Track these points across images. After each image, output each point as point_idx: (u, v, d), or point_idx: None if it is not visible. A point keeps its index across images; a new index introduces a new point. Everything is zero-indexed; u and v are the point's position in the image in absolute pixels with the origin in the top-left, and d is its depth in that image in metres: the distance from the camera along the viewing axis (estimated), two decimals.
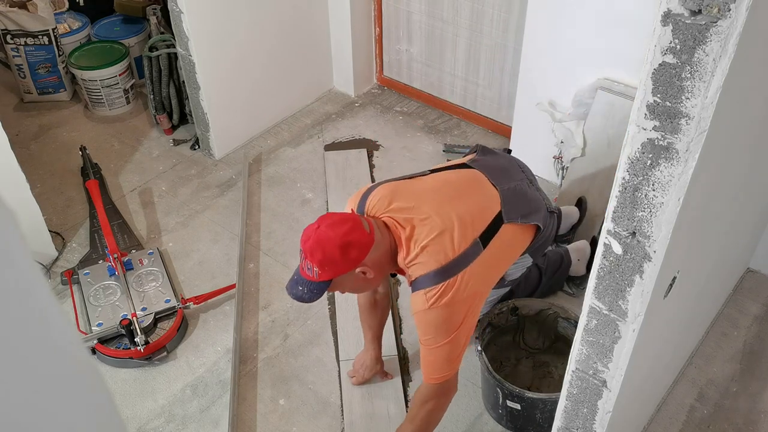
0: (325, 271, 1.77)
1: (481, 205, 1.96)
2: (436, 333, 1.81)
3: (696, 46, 0.98)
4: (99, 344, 2.38)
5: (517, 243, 2.04)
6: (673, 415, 2.21)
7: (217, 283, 2.66)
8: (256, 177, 3.17)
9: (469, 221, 1.88)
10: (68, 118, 3.58)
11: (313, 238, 1.77)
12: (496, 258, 1.94)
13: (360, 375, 2.29)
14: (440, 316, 1.79)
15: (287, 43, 3.32)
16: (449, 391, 1.91)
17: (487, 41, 3.12)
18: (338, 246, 1.74)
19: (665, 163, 1.10)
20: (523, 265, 2.21)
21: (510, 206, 1.99)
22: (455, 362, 1.86)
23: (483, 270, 1.87)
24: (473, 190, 2.02)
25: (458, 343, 1.83)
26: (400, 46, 3.50)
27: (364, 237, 1.77)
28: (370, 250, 1.78)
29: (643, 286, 1.25)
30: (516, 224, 1.99)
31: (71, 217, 2.99)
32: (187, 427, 2.22)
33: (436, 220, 1.85)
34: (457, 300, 1.80)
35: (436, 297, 1.78)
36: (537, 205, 2.10)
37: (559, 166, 2.86)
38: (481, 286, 1.88)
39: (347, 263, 1.77)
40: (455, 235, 1.84)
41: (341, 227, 1.76)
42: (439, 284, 1.78)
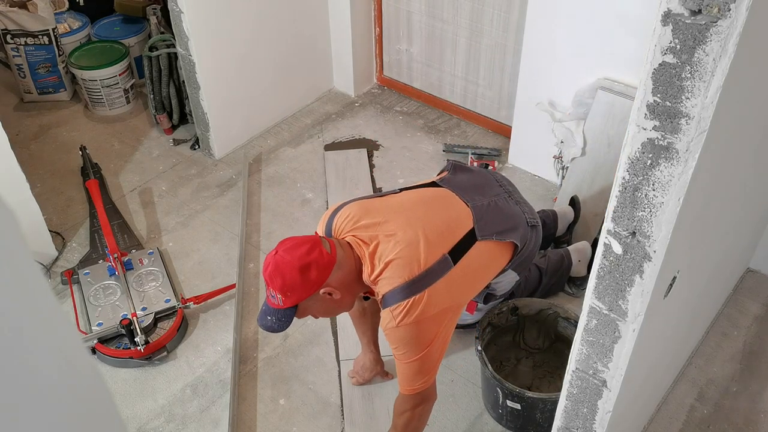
0: (288, 297, 1.74)
1: (451, 222, 1.92)
2: (407, 349, 1.78)
3: (696, 46, 0.98)
4: (99, 344, 2.38)
5: (493, 260, 1.99)
6: (673, 414, 2.21)
7: (217, 283, 2.66)
8: (256, 177, 3.17)
9: (437, 237, 1.85)
10: (68, 118, 3.58)
11: (272, 264, 1.75)
12: (469, 275, 1.89)
13: (360, 376, 2.29)
14: (409, 333, 1.76)
15: (287, 43, 3.32)
16: (426, 400, 1.89)
17: (487, 41, 3.12)
18: (297, 269, 1.71)
19: (665, 162, 1.10)
20: (509, 281, 2.17)
21: (483, 223, 1.95)
22: (430, 374, 1.84)
23: (453, 287, 1.83)
24: (443, 207, 1.98)
25: (431, 358, 1.80)
26: (400, 46, 3.50)
27: (323, 257, 1.74)
28: (332, 270, 1.75)
29: (643, 286, 1.25)
30: (491, 241, 1.94)
31: (71, 217, 2.99)
32: (187, 427, 2.22)
33: (401, 236, 1.82)
34: (426, 317, 1.76)
35: (403, 314, 1.74)
36: (514, 222, 2.04)
37: (559, 166, 2.86)
38: (451, 302, 1.83)
39: (309, 285, 1.74)
40: (421, 250, 1.80)
41: (298, 250, 1.74)
42: (405, 300, 1.74)
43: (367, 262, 1.81)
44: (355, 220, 1.89)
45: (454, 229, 1.90)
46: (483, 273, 1.99)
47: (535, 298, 2.45)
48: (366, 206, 1.94)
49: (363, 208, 1.92)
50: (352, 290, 1.84)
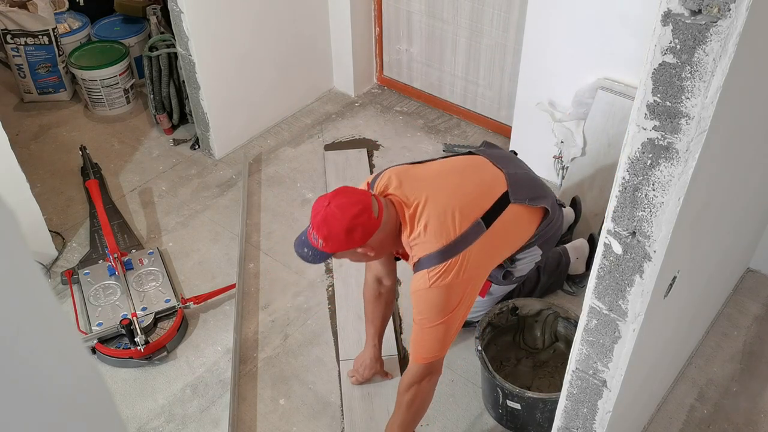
0: (328, 245, 1.83)
1: (484, 186, 2.01)
2: (432, 312, 1.84)
3: (696, 45, 0.98)
4: (99, 344, 2.38)
5: (523, 225, 2.07)
6: (673, 414, 2.21)
7: (217, 283, 2.66)
8: (256, 177, 3.17)
9: (470, 202, 1.93)
10: (68, 118, 3.58)
11: (322, 214, 1.82)
12: (500, 238, 1.97)
13: (360, 374, 2.30)
14: (439, 295, 1.83)
15: (287, 43, 3.32)
16: (435, 373, 1.93)
17: (487, 41, 3.12)
18: (344, 228, 1.79)
19: (665, 162, 1.10)
20: (532, 259, 2.22)
21: (517, 188, 2.04)
22: (446, 344, 1.89)
23: (486, 250, 1.91)
24: (477, 172, 2.07)
25: (452, 324, 1.87)
26: (400, 46, 3.50)
27: (370, 221, 1.82)
28: (375, 233, 1.83)
29: (643, 286, 1.25)
30: (523, 205, 2.03)
31: (71, 217, 2.99)
32: (187, 427, 2.22)
33: (438, 202, 1.90)
34: (458, 281, 1.84)
35: (437, 276, 1.82)
36: (544, 191, 2.15)
37: (559, 166, 2.86)
38: (481, 267, 1.92)
39: (350, 243, 1.82)
40: (457, 215, 1.88)
41: (350, 210, 1.80)
42: (442, 264, 1.83)
43: (407, 224, 1.89)
44: (397, 182, 1.96)
45: (488, 193, 1.99)
46: (514, 236, 2.06)
47: (534, 296, 2.46)
48: (406, 171, 2.02)
49: (404, 173, 2.00)
50: (387, 249, 1.95)
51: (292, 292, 2.64)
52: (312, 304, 2.59)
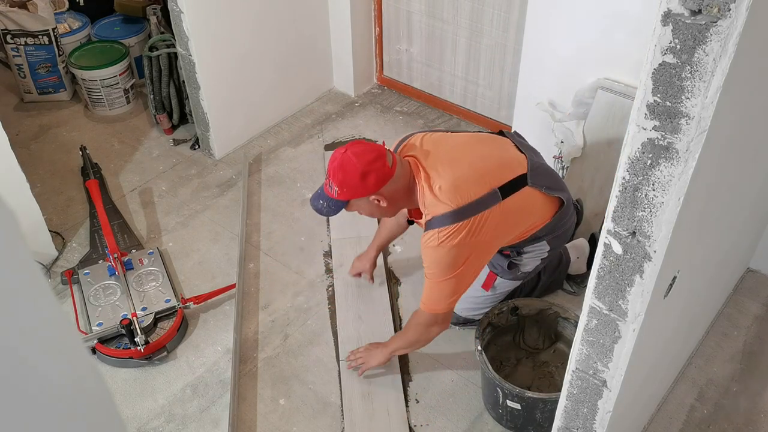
0: (343, 192, 1.95)
1: (504, 162, 2.06)
2: (438, 269, 1.96)
3: (696, 45, 0.98)
4: (99, 344, 2.38)
5: (537, 210, 2.11)
6: (673, 414, 2.21)
7: (217, 283, 2.66)
8: (256, 177, 3.17)
9: (489, 171, 2.00)
10: (68, 118, 3.58)
11: (339, 160, 1.94)
12: (513, 214, 2.02)
13: (355, 267, 2.59)
14: (447, 254, 1.93)
15: (287, 43, 3.32)
16: (437, 324, 2.07)
17: (487, 41, 3.12)
18: (359, 172, 1.91)
19: (665, 162, 1.10)
20: (538, 255, 2.24)
21: (536, 174, 2.08)
22: (451, 301, 2.01)
23: (497, 221, 1.97)
24: (500, 149, 2.13)
25: (459, 282, 1.98)
26: (400, 46, 3.50)
27: (384, 169, 1.93)
28: (388, 182, 1.94)
29: (643, 286, 1.25)
30: (539, 191, 2.07)
31: (71, 217, 2.99)
32: (187, 427, 2.22)
33: (458, 166, 1.99)
34: (466, 243, 1.93)
35: (447, 237, 1.91)
36: (562, 185, 2.20)
37: (559, 166, 2.86)
38: (491, 237, 1.98)
39: (364, 189, 1.94)
40: (472, 181, 1.96)
41: (365, 156, 1.92)
42: (453, 225, 1.91)
43: (423, 185, 1.98)
44: (419, 145, 2.07)
45: (507, 169, 2.04)
46: (526, 218, 2.09)
47: (534, 295, 2.46)
48: (431, 136, 2.11)
49: (428, 138, 2.10)
50: (399, 204, 2.05)
51: (292, 292, 2.64)
52: (312, 304, 2.60)
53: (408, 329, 2.15)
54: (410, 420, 2.21)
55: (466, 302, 2.37)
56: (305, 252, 2.80)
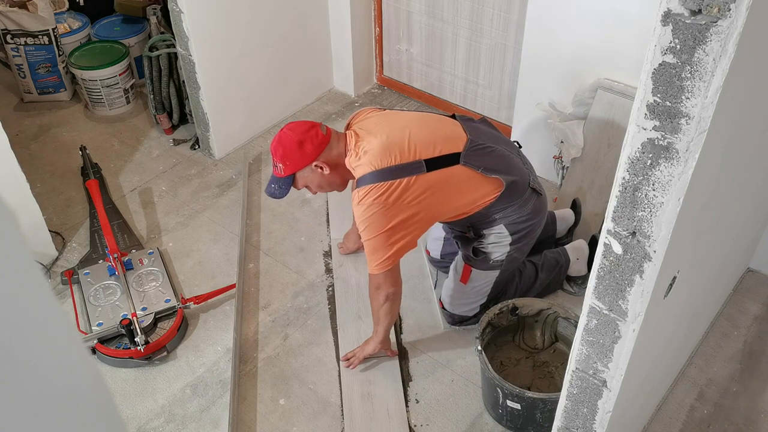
0: (286, 166, 2.12)
1: (438, 138, 2.14)
2: (365, 226, 2.07)
3: (696, 45, 0.98)
4: (99, 344, 2.38)
5: (470, 188, 2.15)
6: (673, 414, 2.21)
7: (217, 283, 2.66)
8: (256, 177, 3.17)
9: (418, 143, 2.09)
10: (68, 118, 3.58)
11: (276, 137, 2.14)
12: (440, 187, 2.10)
13: (346, 246, 2.71)
14: (367, 212, 2.05)
15: (287, 43, 3.32)
16: (381, 288, 2.14)
17: (487, 41, 3.12)
18: (295, 142, 2.09)
19: (665, 162, 1.10)
20: (503, 241, 2.26)
21: (473, 154, 2.14)
22: (382, 261, 2.09)
23: (421, 190, 2.06)
24: (438, 126, 2.20)
25: (384, 242, 2.06)
26: (400, 46, 3.50)
27: (318, 136, 2.11)
28: (325, 150, 2.11)
29: (643, 286, 1.25)
30: (473, 170, 2.12)
31: (71, 217, 2.99)
32: (187, 427, 2.22)
33: (386, 135, 2.11)
34: (386, 204, 2.04)
35: (366, 194, 2.04)
36: (510, 169, 2.20)
37: (559, 166, 2.86)
38: (416, 204, 2.07)
39: (304, 157, 2.10)
40: (398, 148, 2.07)
41: (299, 127, 2.12)
42: (371, 184, 2.05)
43: (352, 150, 2.12)
44: (359, 119, 2.23)
45: (439, 145, 2.12)
46: (456, 193, 2.15)
47: (533, 296, 2.46)
48: (378, 112, 2.26)
49: (374, 113, 2.25)
50: (340, 171, 2.17)
51: (292, 292, 2.64)
52: (312, 304, 2.60)
53: (370, 302, 2.25)
54: (410, 420, 2.21)
55: (452, 298, 2.41)
56: (305, 252, 2.80)
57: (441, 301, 2.48)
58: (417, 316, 2.54)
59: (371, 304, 2.23)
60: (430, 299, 2.59)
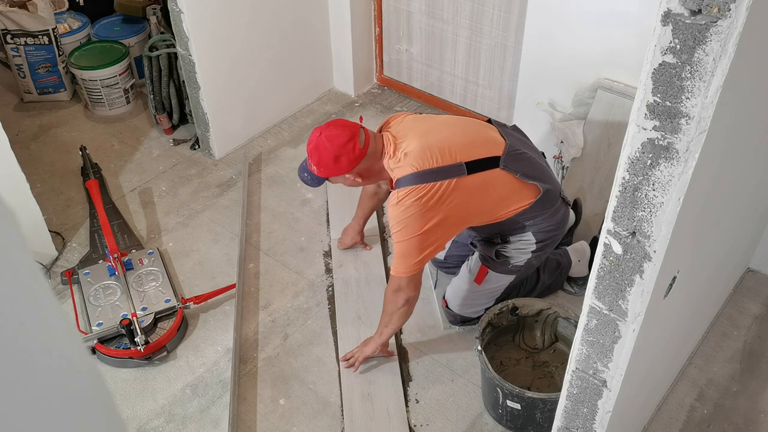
0: (320, 171, 2.14)
1: (478, 141, 2.14)
2: (399, 228, 2.06)
3: (696, 45, 0.98)
4: (99, 344, 2.38)
5: (510, 194, 2.15)
6: (673, 414, 2.21)
7: (217, 283, 2.66)
8: (256, 177, 3.17)
9: (459, 146, 2.09)
10: (68, 118, 3.58)
11: (314, 143, 2.12)
12: (479, 190, 2.09)
13: (342, 242, 2.73)
14: (404, 213, 2.04)
15: (287, 43, 3.32)
16: (402, 290, 2.13)
17: (487, 41, 3.12)
18: (332, 155, 2.08)
19: (665, 162, 1.10)
20: (526, 248, 2.25)
21: (512, 159, 2.13)
22: (412, 264, 2.08)
23: (460, 193, 2.05)
24: (477, 129, 2.21)
25: (419, 246, 2.05)
26: (400, 46, 3.50)
27: (355, 151, 2.07)
28: (360, 163, 2.09)
29: (643, 286, 1.25)
30: (512, 175, 2.12)
31: (71, 217, 2.99)
32: (187, 427, 2.22)
33: (427, 138, 2.10)
34: (425, 206, 2.02)
35: (405, 196, 2.03)
36: (545, 177, 2.21)
37: (559, 166, 2.86)
38: (455, 207, 2.06)
39: (338, 169, 2.11)
40: (439, 150, 2.06)
41: (338, 140, 2.07)
42: (411, 186, 2.03)
43: (391, 152, 2.11)
44: (398, 122, 2.21)
45: (480, 148, 2.12)
46: (494, 198, 2.14)
47: (535, 296, 2.46)
48: (413, 116, 2.24)
49: (411, 116, 2.24)
50: (374, 178, 2.20)
51: (292, 292, 2.64)
52: (312, 304, 2.60)
53: (384, 302, 2.23)
54: (410, 420, 2.21)
55: (462, 299, 2.39)
56: (305, 252, 2.80)
57: (445, 300, 2.47)
58: (417, 316, 2.53)
59: (386, 306, 2.20)
60: (430, 299, 2.59)
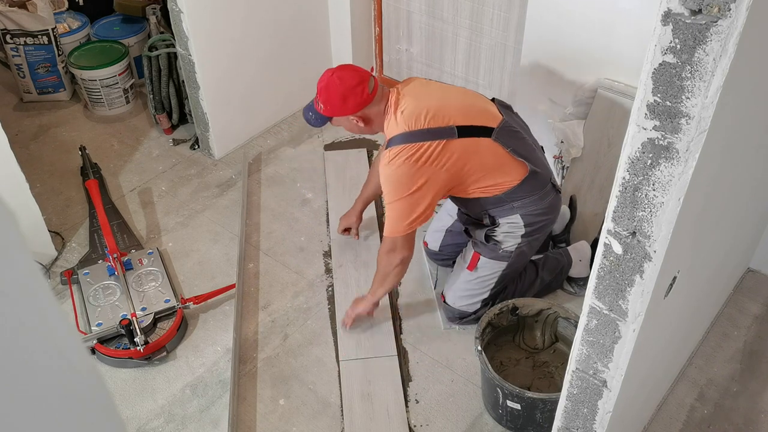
0: (326, 109, 2.22)
1: (476, 111, 2.19)
2: (390, 188, 2.13)
3: (696, 45, 0.98)
4: (99, 344, 2.38)
5: (495, 165, 2.17)
6: (673, 415, 2.21)
7: (217, 283, 2.66)
8: (256, 177, 3.17)
9: (454, 111, 2.15)
10: (68, 118, 3.58)
11: (325, 81, 2.21)
12: (468, 156, 2.13)
13: (341, 224, 2.78)
14: (395, 173, 2.10)
15: (287, 43, 3.32)
16: (395, 251, 2.21)
17: (487, 41, 3.12)
18: (340, 94, 2.16)
19: (665, 162, 1.10)
20: (515, 231, 2.27)
21: (505, 133, 2.18)
22: (404, 225, 2.15)
23: (449, 155, 2.10)
24: (477, 101, 2.26)
25: (411, 206, 2.12)
26: (400, 45, 3.50)
27: (364, 94, 2.16)
28: (366, 107, 2.17)
29: (643, 286, 1.25)
30: (502, 148, 2.16)
31: (71, 217, 2.99)
32: (186, 427, 2.22)
33: (425, 100, 2.17)
34: (414, 166, 2.08)
35: (396, 155, 2.09)
36: (538, 162, 2.24)
37: (559, 166, 2.86)
38: (444, 170, 2.11)
39: (344, 109, 2.19)
40: (434, 113, 2.12)
41: (348, 81, 2.16)
42: (402, 145, 2.09)
43: (391, 110, 2.18)
44: (405, 83, 2.28)
45: (474, 116, 2.17)
46: (480, 166, 2.17)
47: (534, 295, 2.46)
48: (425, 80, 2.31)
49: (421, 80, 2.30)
50: (375, 126, 2.25)
51: (291, 292, 2.64)
52: (312, 304, 2.59)
53: (377, 263, 2.31)
54: (410, 420, 2.21)
55: (457, 290, 2.41)
56: (305, 252, 2.80)
57: (443, 295, 2.47)
58: (417, 316, 2.54)
59: (379, 267, 2.28)
60: (430, 299, 2.59)
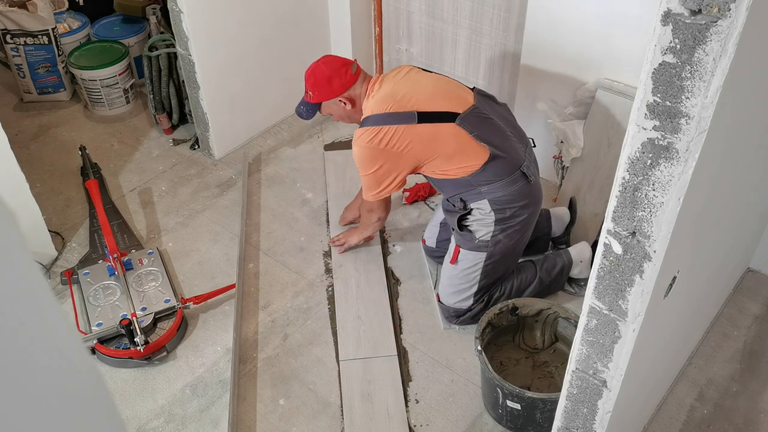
0: (315, 95, 2.40)
1: (443, 97, 2.28)
2: (359, 164, 2.34)
3: (696, 45, 0.98)
4: (99, 344, 2.38)
5: (456, 149, 2.24)
6: (673, 415, 2.21)
7: (217, 283, 2.66)
8: (256, 177, 3.17)
9: (418, 96, 2.27)
10: (68, 118, 3.58)
11: (312, 67, 2.42)
12: (427, 140, 2.24)
13: (344, 217, 2.87)
14: (360, 153, 2.30)
15: (287, 43, 3.32)
16: (373, 211, 2.52)
17: (487, 41, 3.12)
18: (326, 76, 2.36)
19: (665, 162, 1.10)
20: (485, 218, 2.29)
21: (471, 119, 2.24)
22: (374, 194, 2.38)
23: (410, 139, 2.23)
24: (449, 89, 2.34)
25: (374, 181, 2.33)
26: (400, 45, 3.50)
27: (347, 75, 2.36)
28: (350, 88, 2.36)
29: (643, 286, 1.25)
30: (465, 132, 2.22)
31: (71, 217, 2.99)
32: (186, 427, 2.22)
33: (393, 85, 2.32)
34: (376, 148, 2.25)
35: (359, 136, 2.29)
36: (506, 148, 2.25)
37: (559, 166, 2.86)
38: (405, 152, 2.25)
39: (330, 91, 2.36)
40: (397, 98, 2.27)
41: (332, 64, 2.38)
42: (365, 128, 2.27)
43: (369, 94, 2.35)
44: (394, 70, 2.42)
45: (440, 101, 2.27)
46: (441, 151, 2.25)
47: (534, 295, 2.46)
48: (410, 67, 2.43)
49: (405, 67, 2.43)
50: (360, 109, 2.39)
51: (291, 292, 2.64)
52: (312, 304, 2.60)
53: (360, 215, 2.65)
54: (410, 420, 2.21)
55: (446, 286, 2.43)
56: (305, 252, 2.80)
57: (438, 295, 2.50)
58: (417, 316, 2.54)
59: (362, 219, 2.63)
60: (430, 299, 2.59)
